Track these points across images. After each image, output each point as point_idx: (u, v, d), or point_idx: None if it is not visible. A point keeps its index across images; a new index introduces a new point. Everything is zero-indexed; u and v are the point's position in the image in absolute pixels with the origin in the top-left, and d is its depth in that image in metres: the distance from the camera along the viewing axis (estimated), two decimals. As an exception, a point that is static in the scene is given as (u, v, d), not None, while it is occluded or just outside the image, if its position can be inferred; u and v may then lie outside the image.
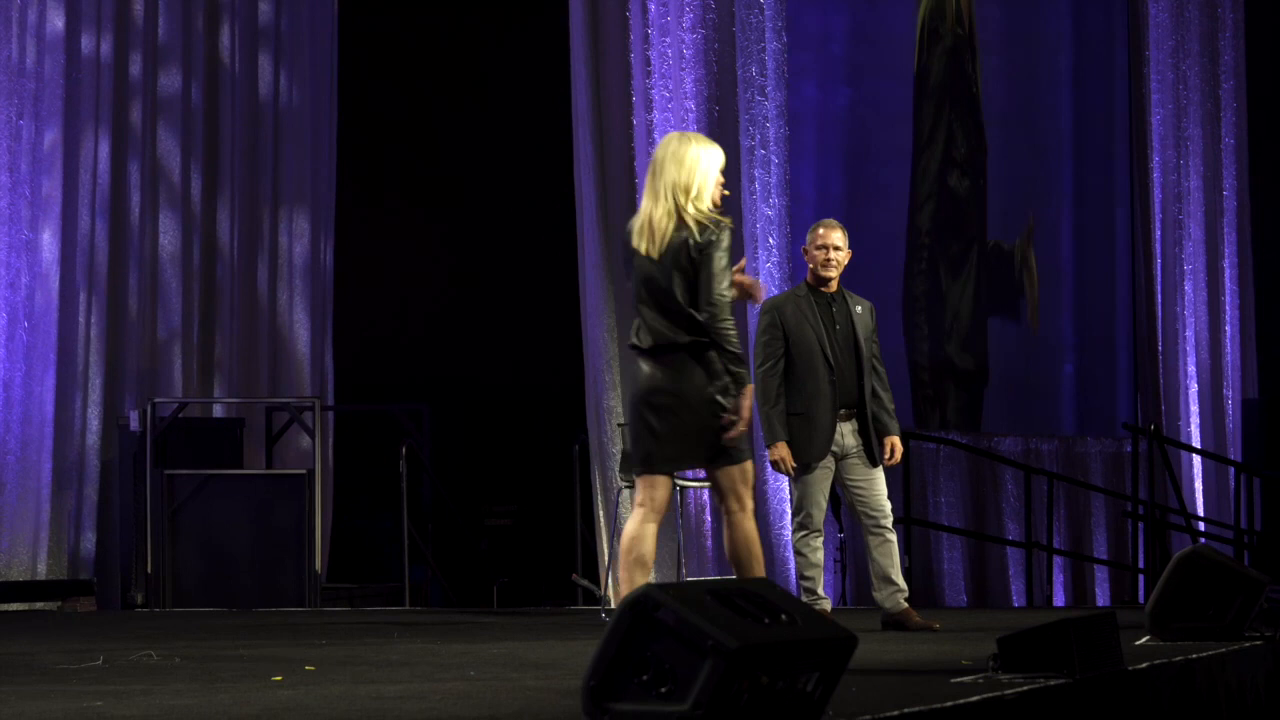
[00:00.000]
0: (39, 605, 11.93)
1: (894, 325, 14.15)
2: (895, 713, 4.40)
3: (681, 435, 6.71)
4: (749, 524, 6.83)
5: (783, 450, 8.55)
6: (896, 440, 8.66)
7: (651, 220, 6.76)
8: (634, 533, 6.78)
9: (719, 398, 6.68)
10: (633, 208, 12.03)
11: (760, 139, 12.61)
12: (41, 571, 12.09)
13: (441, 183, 15.55)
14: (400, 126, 15.55)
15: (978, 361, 15.09)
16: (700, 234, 6.71)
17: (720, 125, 12.34)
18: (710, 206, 6.76)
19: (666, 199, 6.74)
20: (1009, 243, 15.38)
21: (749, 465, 6.79)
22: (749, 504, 6.81)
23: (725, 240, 6.70)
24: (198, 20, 13.27)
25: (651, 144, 12.04)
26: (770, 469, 12.30)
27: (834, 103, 14.11)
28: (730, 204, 12.43)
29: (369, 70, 14.91)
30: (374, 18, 14.97)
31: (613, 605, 10.38)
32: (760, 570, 6.82)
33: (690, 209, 6.71)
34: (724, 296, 6.69)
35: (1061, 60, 15.87)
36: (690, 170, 6.73)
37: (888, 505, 8.72)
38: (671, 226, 6.73)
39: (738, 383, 6.70)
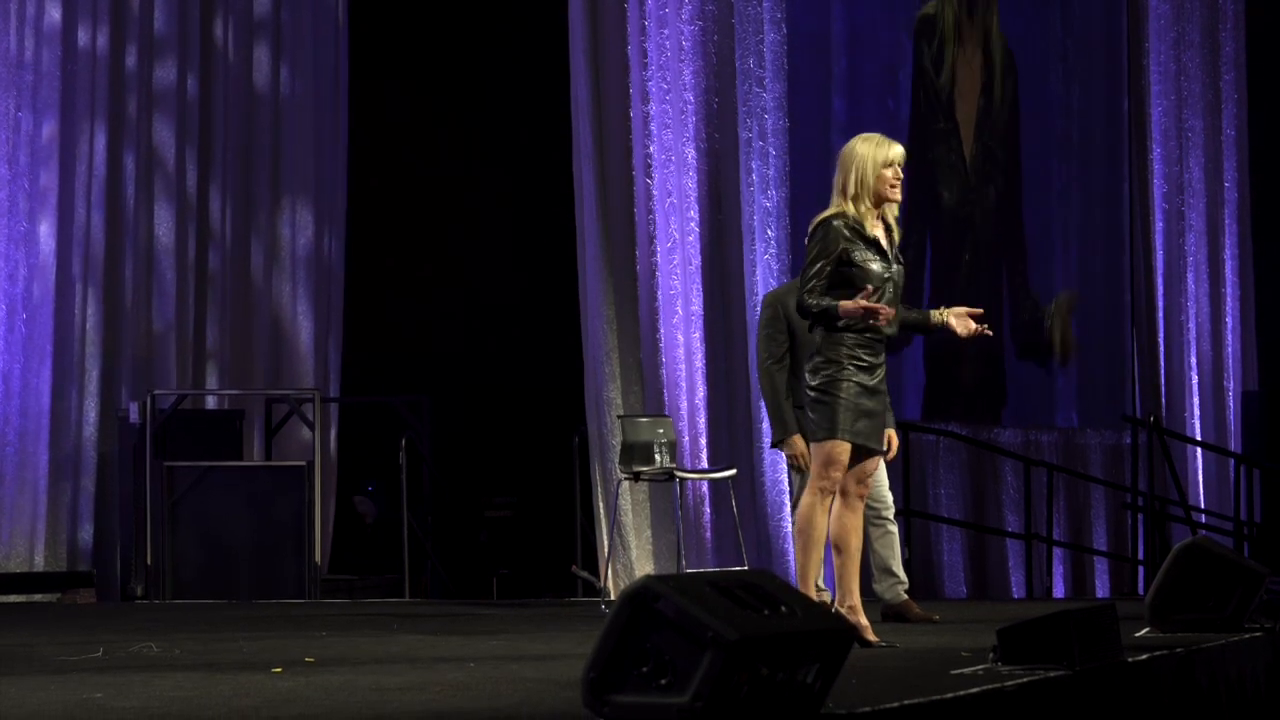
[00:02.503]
0: (38, 597, 11.93)
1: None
2: (895, 704, 4.39)
3: None
4: (808, 500, 6.99)
5: (800, 444, 8.54)
6: (893, 434, 8.64)
7: None
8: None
9: (806, 376, 7.02)
10: (632, 199, 12.03)
11: (759, 131, 12.59)
12: (39, 563, 12.09)
13: (442, 174, 15.54)
14: (401, 119, 15.53)
15: (996, 354, 15.11)
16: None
17: (719, 117, 12.33)
18: (872, 200, 6.98)
19: (834, 198, 7.05)
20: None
21: (825, 444, 6.93)
22: (819, 482, 6.96)
23: (820, 233, 6.95)
24: (194, 12, 13.26)
25: (649, 136, 12.03)
26: (777, 460, 12.34)
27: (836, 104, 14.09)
28: (729, 196, 12.44)
29: (372, 63, 14.90)
30: (375, 10, 14.95)
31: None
32: (801, 547, 6.98)
33: (850, 208, 6.97)
34: (808, 286, 6.93)
35: (1062, 53, 15.85)
36: (845, 168, 7.00)
37: (889, 496, 8.72)
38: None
39: (827, 312, 6.89)
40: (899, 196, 7.05)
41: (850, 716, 4.21)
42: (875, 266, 6.93)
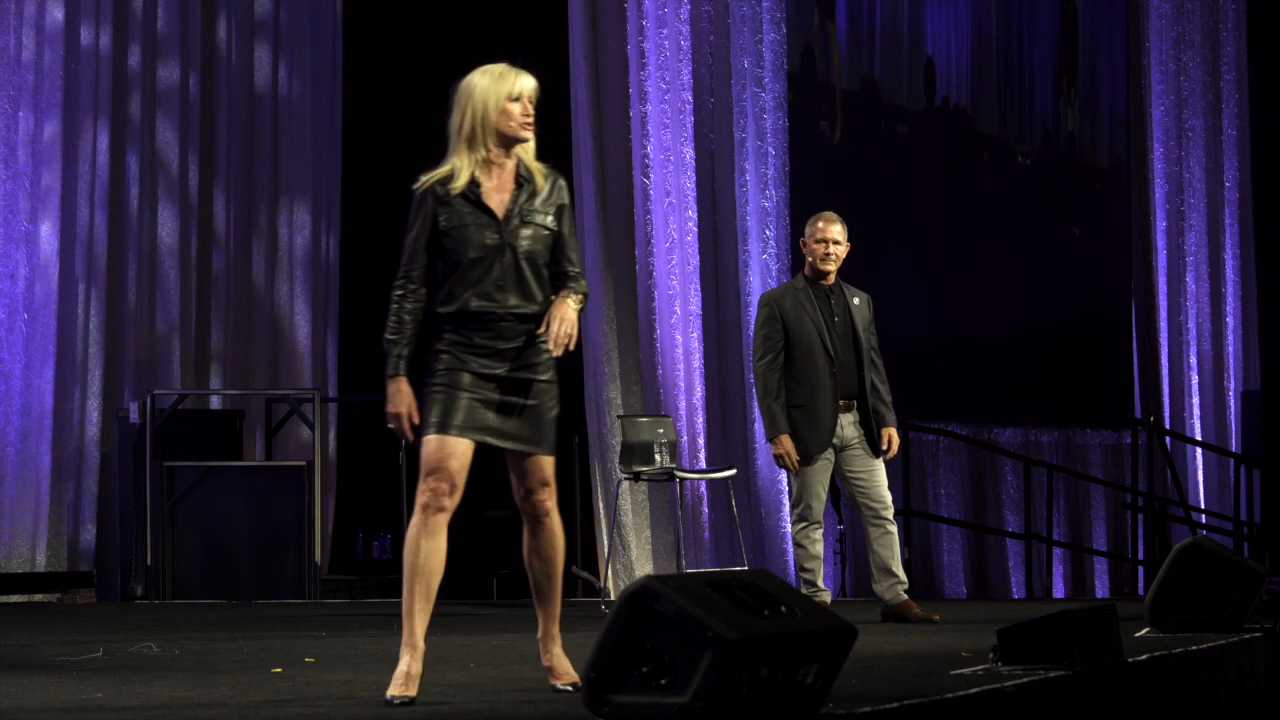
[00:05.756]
0: (38, 597, 11.93)
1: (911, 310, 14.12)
2: (895, 704, 4.39)
3: None
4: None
5: (787, 444, 8.54)
6: (894, 432, 8.66)
7: None
8: None
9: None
10: (631, 199, 12.04)
11: (755, 131, 12.58)
12: (40, 563, 12.09)
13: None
14: (401, 117, 15.53)
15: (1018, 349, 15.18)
16: None
17: (714, 117, 12.33)
18: (495, 142, 5.98)
19: (450, 145, 6.03)
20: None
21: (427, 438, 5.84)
22: (420, 497, 5.96)
23: (413, 204, 5.89)
24: (196, 12, 13.26)
25: (648, 137, 12.04)
26: (773, 463, 12.35)
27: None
28: (723, 195, 12.43)
29: (371, 63, 14.90)
30: (373, 9, 14.95)
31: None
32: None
33: (464, 157, 5.95)
34: (398, 271, 5.95)
35: (1065, 53, 15.86)
36: (460, 107, 6.02)
37: (889, 496, 8.72)
38: None
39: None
40: (530, 135, 5.99)
41: (850, 716, 4.21)
42: (474, 233, 5.75)
